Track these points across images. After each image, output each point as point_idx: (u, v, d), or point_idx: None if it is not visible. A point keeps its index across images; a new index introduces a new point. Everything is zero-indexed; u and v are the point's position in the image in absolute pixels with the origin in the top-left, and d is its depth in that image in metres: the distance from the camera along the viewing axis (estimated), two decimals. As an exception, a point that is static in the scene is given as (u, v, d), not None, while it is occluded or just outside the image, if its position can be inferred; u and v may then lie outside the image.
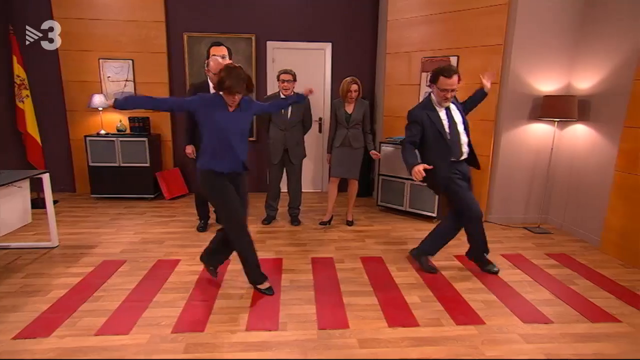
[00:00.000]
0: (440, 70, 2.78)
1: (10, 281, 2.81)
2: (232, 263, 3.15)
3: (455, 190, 2.90)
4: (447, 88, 2.77)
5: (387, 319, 2.41)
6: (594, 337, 2.27)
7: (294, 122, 3.91)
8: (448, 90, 2.77)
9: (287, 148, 3.93)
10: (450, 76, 2.74)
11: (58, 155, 5.13)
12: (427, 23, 4.43)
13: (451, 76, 2.75)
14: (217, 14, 5.03)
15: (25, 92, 4.53)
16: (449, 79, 2.75)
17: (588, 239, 3.76)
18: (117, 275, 2.93)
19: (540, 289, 2.83)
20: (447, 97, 2.80)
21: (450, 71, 2.75)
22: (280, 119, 3.88)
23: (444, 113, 2.87)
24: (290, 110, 3.88)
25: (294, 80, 3.82)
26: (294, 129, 3.93)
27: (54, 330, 2.23)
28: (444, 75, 2.75)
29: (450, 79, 2.75)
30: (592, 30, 3.75)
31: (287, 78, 3.78)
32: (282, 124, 3.89)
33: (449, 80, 2.75)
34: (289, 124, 3.89)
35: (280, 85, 3.82)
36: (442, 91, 2.79)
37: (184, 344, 2.14)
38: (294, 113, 3.89)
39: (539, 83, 4.00)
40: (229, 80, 2.43)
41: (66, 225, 4.00)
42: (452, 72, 2.75)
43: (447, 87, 2.76)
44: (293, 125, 3.92)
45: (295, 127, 3.95)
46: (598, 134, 3.70)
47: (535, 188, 4.25)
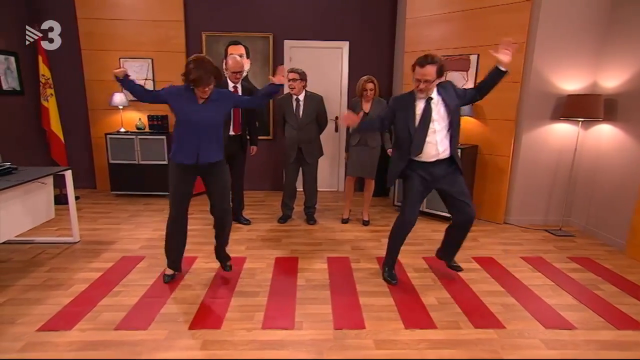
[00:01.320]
0: (418, 59, 2.56)
1: (35, 275, 2.89)
2: (247, 261, 3.18)
3: (404, 188, 2.77)
4: (419, 78, 2.54)
5: (403, 321, 2.38)
6: (620, 344, 2.19)
7: (306, 121, 3.88)
8: (420, 80, 2.54)
9: (301, 147, 3.92)
10: (423, 66, 2.51)
11: (80, 152, 5.27)
12: (446, 21, 4.36)
13: (423, 66, 2.50)
14: (235, 13, 5.06)
15: (49, 91, 4.66)
16: (421, 69, 2.51)
17: (613, 242, 3.64)
18: (136, 271, 2.98)
19: (563, 294, 2.75)
20: (420, 87, 2.56)
21: (424, 61, 2.51)
22: (293, 118, 3.87)
23: (422, 106, 2.62)
24: (302, 110, 3.86)
25: (301, 79, 3.77)
26: (307, 128, 3.91)
27: (76, 324, 2.29)
28: (417, 64, 2.54)
29: (422, 69, 2.51)
30: (620, 29, 3.63)
31: (292, 76, 3.73)
32: (294, 123, 3.88)
33: (421, 70, 2.52)
34: (301, 123, 3.88)
35: (287, 84, 3.77)
36: (415, 81, 2.58)
37: (201, 341, 2.16)
38: (305, 112, 3.87)
39: (563, 82, 3.89)
40: (196, 72, 2.39)
41: (87, 221, 4.09)
42: (427, 62, 2.50)
43: (419, 77, 2.54)
44: (306, 124, 3.89)
45: (309, 126, 3.92)
46: (626, 134, 3.57)
47: (557, 189, 4.14)
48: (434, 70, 2.52)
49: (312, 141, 3.97)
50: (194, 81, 2.42)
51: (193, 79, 2.41)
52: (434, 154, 2.64)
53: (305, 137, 3.91)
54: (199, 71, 2.39)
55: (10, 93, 4.54)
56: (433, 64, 2.51)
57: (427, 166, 2.68)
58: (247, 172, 5.29)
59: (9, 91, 4.51)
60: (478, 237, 3.79)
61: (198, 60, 2.43)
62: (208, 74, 2.42)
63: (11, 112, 4.54)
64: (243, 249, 3.44)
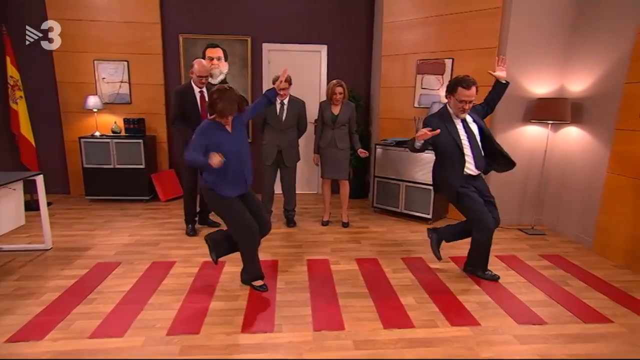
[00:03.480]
0: (459, 81, 2.72)
1: (3, 284, 2.79)
2: (227, 265, 3.15)
3: (467, 204, 2.86)
4: (465, 99, 2.71)
5: (382, 321, 2.42)
6: (587, 337, 2.29)
7: (289, 124, 3.91)
8: (466, 101, 2.72)
9: (281, 150, 3.93)
10: (469, 87, 2.69)
11: (52, 156, 5.10)
12: (422, 25, 4.46)
13: (470, 87, 2.69)
14: (213, 15, 5.02)
15: (19, 93, 4.50)
16: (468, 90, 2.69)
17: (581, 240, 3.80)
18: (111, 278, 2.91)
19: (535, 290, 2.86)
20: (465, 108, 2.75)
21: (469, 82, 2.69)
22: (276, 120, 3.89)
23: (461, 125, 2.83)
24: (286, 113, 3.88)
25: (290, 84, 3.82)
26: (288, 131, 3.94)
27: (47, 333, 2.22)
28: (462, 86, 2.70)
29: (469, 90, 2.69)
30: (585, 33, 3.80)
31: (284, 86, 3.77)
32: (277, 125, 3.89)
33: (467, 92, 2.70)
34: (284, 126, 3.90)
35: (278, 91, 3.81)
36: (459, 102, 2.73)
37: (179, 347, 2.13)
38: (289, 115, 3.90)
39: (533, 85, 4.04)
40: (222, 103, 2.45)
41: (60, 227, 3.97)
42: (471, 83, 2.70)
43: (464, 99, 2.71)
44: (288, 127, 3.92)
45: (290, 130, 3.95)
46: (590, 136, 3.74)
47: (529, 189, 4.29)
48: (475, 90, 2.72)
49: (293, 145, 3.99)
50: (220, 112, 2.47)
51: (220, 110, 2.46)
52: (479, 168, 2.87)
53: (286, 141, 3.93)
54: (224, 102, 2.45)
55: (-23, 95, 4.37)
56: (475, 84, 2.71)
57: (471, 180, 2.87)
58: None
59: (-25, 93, 4.33)
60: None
61: (221, 90, 2.49)
62: (232, 102, 2.48)
63: (-22, 115, 4.37)
64: (222, 253, 3.41)
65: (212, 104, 2.48)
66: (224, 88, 2.51)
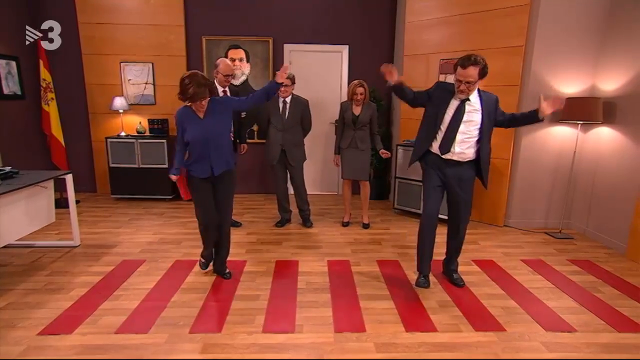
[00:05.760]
0: (460, 59, 2.54)
1: (35, 278, 2.89)
2: (248, 265, 3.18)
3: (423, 182, 2.79)
4: (461, 79, 2.51)
5: (404, 324, 2.38)
6: (621, 347, 2.19)
7: (291, 124, 3.90)
8: (462, 81, 2.52)
9: (285, 149, 3.93)
10: (465, 67, 2.48)
11: (80, 156, 5.27)
12: (445, 25, 4.38)
13: (466, 67, 2.48)
14: (235, 17, 5.08)
15: (50, 95, 4.68)
16: (463, 70, 2.49)
17: (613, 245, 3.64)
18: (136, 275, 2.98)
19: (563, 296, 2.76)
20: (461, 89, 2.55)
21: (466, 61, 2.48)
22: (278, 119, 3.89)
23: (456, 104, 2.61)
24: (288, 112, 3.88)
25: (292, 84, 3.83)
26: (292, 130, 3.92)
27: (76, 328, 2.29)
28: (460, 65, 2.51)
29: (465, 70, 2.48)
30: (618, 31, 3.65)
31: (286, 82, 3.73)
32: (279, 125, 3.89)
33: (462, 71, 2.49)
34: (286, 125, 3.89)
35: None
36: (456, 82, 2.56)
37: (201, 344, 2.16)
38: (291, 114, 3.89)
39: (561, 85, 3.90)
40: (193, 87, 2.45)
41: (87, 224, 4.10)
42: (469, 62, 2.47)
43: (460, 78, 2.52)
44: (291, 126, 3.91)
45: (294, 129, 3.94)
46: (625, 136, 3.58)
47: (557, 192, 4.15)
48: (477, 72, 2.49)
49: (297, 144, 3.98)
50: (192, 97, 2.49)
51: (191, 95, 2.47)
52: (454, 153, 2.65)
53: (289, 140, 3.92)
54: (195, 86, 2.46)
55: (12, 97, 4.55)
56: (476, 65, 2.48)
57: (441, 164, 2.70)
58: (246, 176, 5.33)
59: (10, 95, 4.52)
60: (478, 240, 3.79)
61: (192, 75, 2.50)
62: (202, 87, 2.49)
63: (12, 116, 4.56)
64: (243, 252, 3.44)
65: (184, 90, 2.48)
66: (194, 73, 2.52)
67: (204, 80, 2.51)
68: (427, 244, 2.82)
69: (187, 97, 2.50)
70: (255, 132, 5.32)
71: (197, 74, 2.52)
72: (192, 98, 2.50)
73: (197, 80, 2.47)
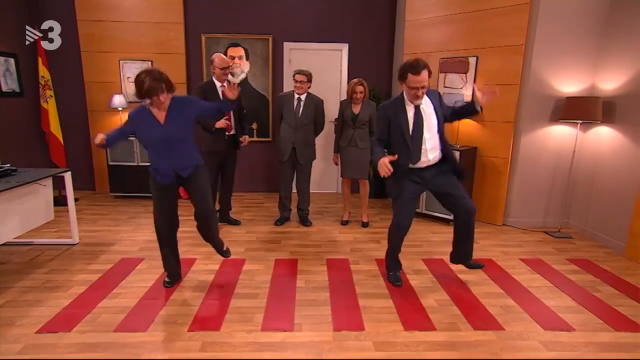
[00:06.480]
0: (408, 67, 2.46)
1: (34, 276, 2.89)
2: (247, 263, 3.18)
3: (394, 191, 2.70)
4: (417, 86, 2.46)
5: (403, 322, 2.38)
6: (620, 346, 2.20)
7: (304, 122, 3.89)
8: (418, 87, 2.46)
9: (296, 147, 3.92)
10: (419, 72, 2.42)
11: (79, 154, 5.26)
12: (445, 23, 4.37)
13: (419, 73, 2.42)
14: (235, 15, 5.07)
15: (49, 93, 4.66)
16: (417, 76, 2.43)
17: (612, 244, 3.65)
18: (135, 273, 2.98)
19: (561, 295, 2.76)
20: (418, 95, 2.49)
21: (418, 67, 2.42)
22: (291, 116, 3.88)
23: (413, 112, 2.58)
24: (302, 109, 3.87)
25: (308, 81, 3.82)
26: (304, 129, 3.91)
27: (75, 326, 2.28)
28: (411, 72, 2.44)
29: (419, 76, 2.43)
30: (618, 31, 3.64)
31: (300, 79, 3.78)
32: (292, 122, 3.88)
33: (417, 78, 2.43)
34: (300, 123, 3.88)
35: (294, 85, 3.84)
36: (411, 89, 2.49)
37: (200, 343, 2.16)
38: (304, 112, 3.88)
39: (561, 84, 3.90)
40: (148, 81, 2.36)
41: (86, 222, 4.09)
42: (421, 67, 2.42)
43: (416, 85, 2.46)
44: (303, 124, 3.90)
45: (306, 127, 3.92)
46: (624, 136, 3.58)
47: (556, 191, 4.15)
48: (427, 74, 2.48)
49: (308, 143, 3.97)
50: (147, 91, 2.38)
51: (147, 89, 2.37)
52: (425, 160, 2.63)
53: (300, 138, 3.91)
54: (150, 80, 2.37)
55: (10, 95, 4.54)
56: (425, 68, 2.46)
57: (417, 171, 2.67)
58: (246, 174, 5.32)
59: (8, 93, 4.50)
60: (477, 239, 3.76)
61: (147, 70, 2.43)
62: (158, 81, 2.39)
63: (11, 114, 4.54)
64: (242, 251, 3.44)
65: (140, 85, 2.37)
66: (150, 68, 2.46)
67: (159, 75, 2.42)
68: (397, 249, 2.90)
69: (144, 91, 2.39)
70: (255, 131, 5.31)
71: (153, 69, 2.46)
72: (148, 92, 2.38)
73: (153, 74, 2.39)
